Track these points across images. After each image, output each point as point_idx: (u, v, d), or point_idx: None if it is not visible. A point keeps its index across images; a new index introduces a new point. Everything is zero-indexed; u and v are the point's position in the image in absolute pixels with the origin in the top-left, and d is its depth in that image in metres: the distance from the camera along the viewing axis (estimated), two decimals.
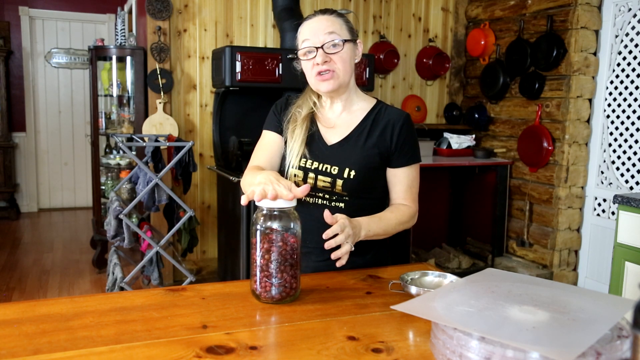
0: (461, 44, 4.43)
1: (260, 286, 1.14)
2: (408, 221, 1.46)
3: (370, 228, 1.34)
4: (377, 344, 0.96)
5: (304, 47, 1.42)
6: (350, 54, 1.44)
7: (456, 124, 4.40)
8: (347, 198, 1.46)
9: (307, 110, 1.51)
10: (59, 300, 1.14)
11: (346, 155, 1.46)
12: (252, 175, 1.33)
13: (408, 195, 1.49)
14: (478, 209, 4.14)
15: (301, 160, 1.47)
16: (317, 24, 1.41)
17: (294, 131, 1.49)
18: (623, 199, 2.54)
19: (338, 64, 1.41)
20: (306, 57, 1.43)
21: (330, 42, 1.40)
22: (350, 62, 1.45)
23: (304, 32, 1.43)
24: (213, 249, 3.85)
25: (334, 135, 1.50)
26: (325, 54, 1.40)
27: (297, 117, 1.50)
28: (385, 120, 1.48)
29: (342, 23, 1.44)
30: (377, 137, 1.46)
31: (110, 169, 4.03)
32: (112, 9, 6.07)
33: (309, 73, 1.45)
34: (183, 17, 3.65)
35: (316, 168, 1.46)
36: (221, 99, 3.37)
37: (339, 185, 1.45)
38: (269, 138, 1.54)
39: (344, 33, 1.43)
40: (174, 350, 0.92)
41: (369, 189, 1.47)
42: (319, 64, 1.40)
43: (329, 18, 1.42)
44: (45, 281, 3.87)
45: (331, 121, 1.52)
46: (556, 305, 0.91)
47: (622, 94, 3.38)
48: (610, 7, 3.41)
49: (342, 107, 1.51)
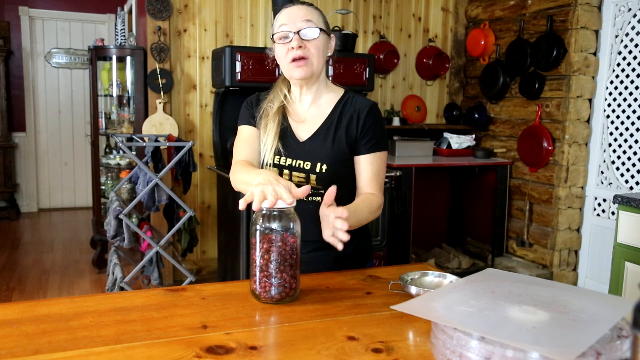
0: (461, 44, 4.43)
1: (259, 286, 1.14)
2: (377, 210, 1.46)
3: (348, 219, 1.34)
4: (377, 344, 0.96)
5: (280, 31, 1.44)
6: (324, 44, 1.47)
7: (456, 124, 4.40)
8: (323, 191, 1.47)
9: (278, 104, 1.53)
10: (59, 300, 1.14)
11: (317, 150, 1.48)
12: (248, 173, 1.33)
13: (374, 184, 1.48)
14: (478, 209, 4.14)
15: (275, 158, 1.50)
16: (296, 11, 1.44)
17: (267, 126, 1.51)
18: (623, 199, 2.54)
19: (312, 50, 1.43)
20: (282, 42, 1.45)
21: (307, 28, 1.42)
22: (324, 53, 1.48)
23: (281, 18, 1.46)
24: (213, 249, 3.85)
25: (304, 131, 1.52)
26: (300, 40, 1.42)
27: (269, 112, 1.52)
28: (352, 110, 1.50)
29: (319, 15, 1.48)
30: (345, 128, 1.49)
31: (110, 169, 4.03)
32: (112, 9, 6.07)
33: (283, 60, 1.46)
34: (183, 17, 3.65)
35: (290, 164, 1.49)
36: (221, 99, 3.37)
37: (313, 180, 1.47)
38: (247, 132, 1.55)
39: (321, 24, 1.46)
40: (174, 350, 0.92)
41: (343, 180, 1.48)
42: (293, 49, 1.42)
43: (307, 8, 1.47)
44: (45, 281, 3.87)
45: (300, 115, 1.54)
46: (556, 305, 0.91)
47: (622, 94, 3.38)
48: (610, 7, 3.41)
49: (311, 100, 1.53)
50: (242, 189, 1.40)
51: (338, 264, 1.49)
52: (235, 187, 1.47)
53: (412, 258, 3.75)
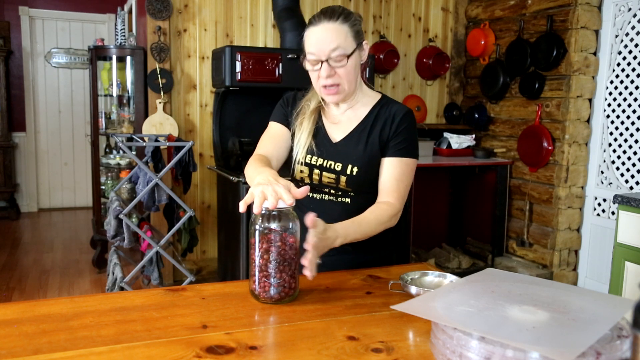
0: (461, 44, 4.42)
1: (259, 286, 1.14)
2: (388, 221, 1.41)
3: (348, 234, 1.30)
4: (377, 344, 0.96)
5: (310, 59, 1.41)
6: (355, 63, 1.42)
7: (456, 123, 4.40)
8: (353, 194, 1.48)
9: (315, 104, 1.53)
10: (59, 300, 1.14)
11: (349, 152, 1.47)
12: (254, 169, 1.32)
13: (394, 190, 1.44)
14: (478, 209, 4.14)
15: (307, 157, 1.49)
16: (323, 35, 1.38)
17: (302, 123, 1.50)
18: (623, 198, 2.54)
19: (343, 77, 1.41)
20: (312, 68, 1.43)
21: (335, 57, 1.38)
22: (356, 70, 1.44)
23: (309, 43, 1.41)
24: (213, 249, 3.85)
25: (338, 132, 1.51)
26: (330, 68, 1.39)
27: (306, 110, 1.52)
28: (387, 114, 1.49)
29: (348, 30, 1.39)
30: (379, 132, 1.47)
31: (110, 169, 4.03)
32: (112, 9, 6.07)
33: (315, 83, 1.45)
34: (183, 17, 3.65)
35: (321, 164, 1.48)
36: (221, 99, 3.37)
37: (342, 182, 1.46)
38: (276, 128, 1.54)
39: (349, 43, 1.39)
40: (174, 350, 0.92)
41: (373, 184, 1.48)
42: (324, 77, 1.40)
43: (335, 28, 1.38)
44: (45, 281, 3.87)
45: (336, 117, 1.53)
46: (556, 305, 0.91)
47: (622, 94, 3.38)
48: (610, 7, 3.41)
49: (347, 105, 1.53)
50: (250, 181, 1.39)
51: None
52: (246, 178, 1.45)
53: (412, 258, 3.75)
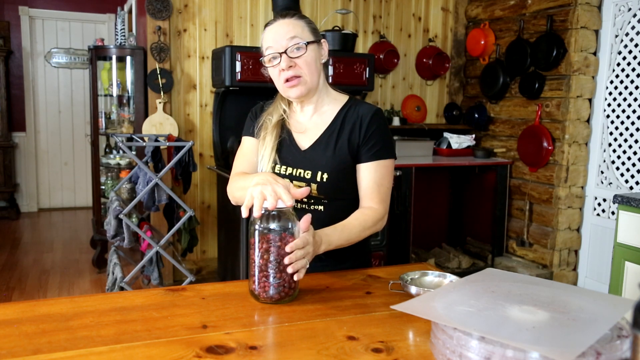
0: (461, 43, 4.42)
1: (258, 286, 1.14)
2: (373, 225, 1.39)
3: (331, 241, 1.28)
4: (377, 344, 0.96)
5: (268, 54, 1.41)
6: (315, 56, 1.42)
7: (456, 123, 4.40)
8: (326, 201, 1.45)
9: (277, 118, 1.51)
10: (59, 300, 1.14)
11: (318, 158, 1.44)
12: (245, 179, 1.32)
13: (375, 195, 1.41)
14: (478, 209, 4.14)
15: (275, 167, 1.47)
16: (279, 29, 1.40)
17: (265, 139, 1.49)
18: (623, 198, 2.54)
19: (303, 68, 1.40)
20: (271, 64, 1.42)
21: (293, 46, 1.38)
22: (316, 64, 1.43)
23: (267, 39, 1.42)
24: (213, 249, 3.85)
25: (306, 140, 1.49)
26: (289, 59, 1.38)
27: (268, 125, 1.50)
28: (355, 116, 1.46)
29: (304, 25, 1.42)
30: (347, 136, 1.45)
31: (110, 169, 4.03)
32: (112, 8, 6.07)
33: (277, 81, 1.44)
34: (183, 17, 3.65)
35: (290, 173, 1.46)
36: (221, 98, 3.37)
37: (314, 190, 1.43)
38: (248, 144, 1.54)
39: (307, 35, 1.41)
40: (174, 350, 0.92)
41: (346, 190, 1.46)
42: (284, 70, 1.39)
43: (290, 22, 1.40)
44: (45, 281, 3.87)
45: (302, 125, 1.50)
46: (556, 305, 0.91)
47: (622, 93, 3.38)
48: (610, 7, 3.41)
49: (312, 109, 1.50)
50: (240, 196, 1.38)
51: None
52: (231, 197, 1.44)
53: (412, 258, 3.75)
